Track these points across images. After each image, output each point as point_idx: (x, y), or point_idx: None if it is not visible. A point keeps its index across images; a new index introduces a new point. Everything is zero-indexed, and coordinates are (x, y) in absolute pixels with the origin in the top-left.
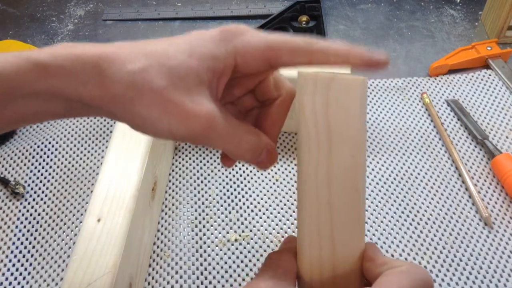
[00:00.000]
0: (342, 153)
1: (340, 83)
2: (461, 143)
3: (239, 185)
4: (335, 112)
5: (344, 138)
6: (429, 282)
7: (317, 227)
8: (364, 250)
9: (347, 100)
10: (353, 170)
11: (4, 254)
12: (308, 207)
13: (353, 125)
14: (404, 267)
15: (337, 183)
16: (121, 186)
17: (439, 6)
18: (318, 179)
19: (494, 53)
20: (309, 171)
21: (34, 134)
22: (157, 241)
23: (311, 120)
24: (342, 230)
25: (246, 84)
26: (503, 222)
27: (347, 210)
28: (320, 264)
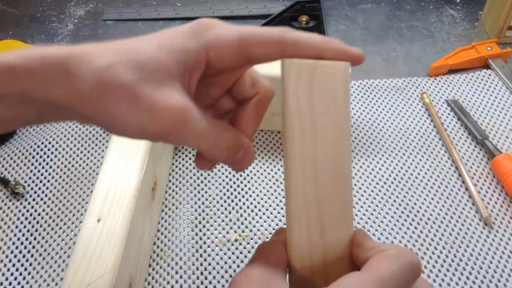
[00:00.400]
0: (327, 140)
1: (323, 69)
2: (461, 143)
3: (239, 185)
4: (319, 99)
5: (329, 125)
6: (416, 264)
7: (305, 216)
8: (353, 236)
9: (331, 86)
10: (339, 157)
11: (4, 254)
12: (295, 196)
13: (337, 112)
14: (391, 250)
15: (323, 171)
16: (121, 186)
17: (439, 6)
18: (304, 167)
19: (494, 53)
20: (295, 159)
21: (34, 134)
22: (157, 241)
23: (295, 108)
24: (330, 218)
25: (222, 83)
26: (503, 222)
27: (334, 197)
28: (310, 252)
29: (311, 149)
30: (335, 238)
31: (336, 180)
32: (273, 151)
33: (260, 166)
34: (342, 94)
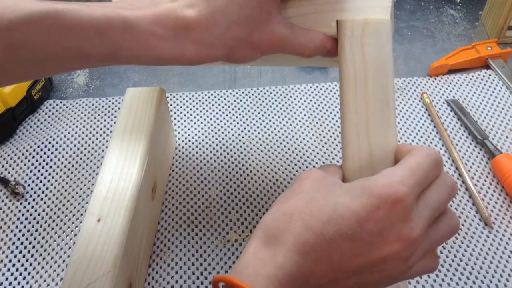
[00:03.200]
0: (375, 74)
1: (370, 25)
2: (461, 143)
3: (239, 185)
4: (368, 49)
5: (376, 63)
6: (434, 154)
7: (356, 134)
8: (395, 150)
9: (377, 38)
10: (384, 87)
11: (4, 254)
12: (349, 117)
13: (382, 53)
14: (417, 149)
15: (371, 97)
16: (121, 186)
17: (439, 6)
18: (357, 93)
19: (494, 53)
20: (349, 88)
21: (34, 134)
22: (157, 241)
23: (350, 57)
24: (377, 136)
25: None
26: (503, 222)
27: (379, 117)
28: (360, 166)
29: (362, 80)
30: (380, 149)
31: (382, 104)
32: (273, 150)
33: (260, 166)
34: (386, 42)
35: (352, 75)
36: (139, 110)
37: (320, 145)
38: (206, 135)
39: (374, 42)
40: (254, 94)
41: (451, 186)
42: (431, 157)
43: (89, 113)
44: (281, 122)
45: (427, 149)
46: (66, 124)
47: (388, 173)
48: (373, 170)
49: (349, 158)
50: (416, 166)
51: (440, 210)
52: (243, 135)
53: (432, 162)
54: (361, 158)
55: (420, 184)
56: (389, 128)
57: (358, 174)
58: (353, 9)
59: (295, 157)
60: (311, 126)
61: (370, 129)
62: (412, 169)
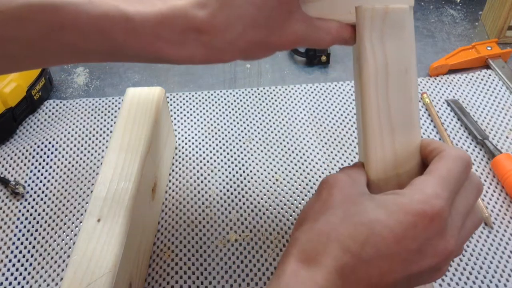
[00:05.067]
0: (397, 68)
1: (391, 12)
2: (461, 143)
3: (239, 185)
4: (388, 36)
5: (398, 57)
6: (465, 157)
7: (379, 132)
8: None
9: (398, 26)
10: (407, 82)
11: (4, 254)
12: (371, 116)
13: (404, 45)
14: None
15: (393, 94)
16: (121, 186)
17: (439, 6)
18: (378, 91)
19: (494, 53)
20: (370, 85)
21: (34, 134)
22: (157, 241)
23: (369, 46)
24: (400, 133)
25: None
26: (503, 222)
27: (403, 115)
28: (383, 164)
29: (383, 77)
30: (405, 149)
31: (404, 99)
32: (273, 150)
33: (260, 166)
34: (407, 29)
35: (373, 72)
36: (139, 110)
37: (320, 145)
38: (206, 135)
39: (396, 34)
40: (254, 94)
41: (478, 186)
42: (462, 160)
43: (89, 113)
44: (281, 122)
45: (456, 151)
46: (66, 124)
47: (421, 186)
48: (398, 170)
49: (373, 159)
50: (448, 174)
51: (469, 212)
52: (243, 135)
53: (463, 166)
54: (385, 159)
55: (454, 193)
56: (414, 127)
57: (382, 175)
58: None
59: (295, 157)
60: (311, 126)
61: (394, 129)
62: (445, 179)
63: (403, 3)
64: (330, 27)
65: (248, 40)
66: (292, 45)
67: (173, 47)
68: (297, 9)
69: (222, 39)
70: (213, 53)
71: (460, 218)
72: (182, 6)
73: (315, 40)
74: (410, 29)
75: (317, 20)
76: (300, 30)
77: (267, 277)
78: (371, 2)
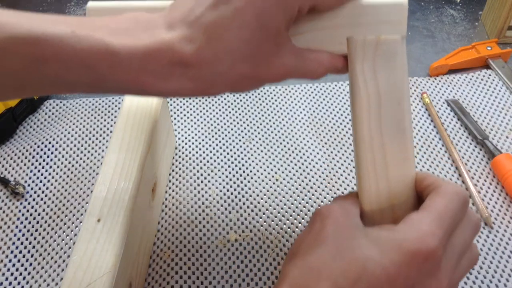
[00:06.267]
0: (389, 100)
1: (383, 43)
2: (461, 143)
3: (239, 185)
4: (381, 68)
5: (391, 89)
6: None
7: (372, 163)
8: (415, 178)
9: (390, 57)
10: (400, 114)
11: (4, 254)
12: (364, 149)
13: (396, 76)
14: (442, 187)
15: (387, 126)
16: (121, 186)
17: (439, 6)
18: (371, 124)
19: (494, 53)
20: (362, 118)
21: (34, 134)
22: (157, 241)
23: (361, 78)
24: (394, 164)
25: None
26: (503, 222)
27: (397, 148)
28: (377, 195)
29: (376, 109)
30: (399, 181)
31: (398, 133)
32: (273, 150)
33: (260, 166)
34: (399, 61)
35: (366, 103)
36: (139, 110)
37: (320, 145)
38: (206, 135)
39: (388, 65)
40: (254, 94)
41: (476, 224)
42: (459, 197)
43: (89, 113)
44: (281, 122)
45: (454, 187)
46: (66, 124)
47: (416, 223)
48: (392, 202)
49: (366, 191)
50: (444, 211)
51: (466, 250)
52: (243, 135)
53: (460, 203)
54: (379, 191)
55: (450, 231)
56: (407, 160)
57: (376, 206)
58: (365, 23)
59: (295, 157)
60: (311, 126)
61: (388, 161)
62: (441, 216)
63: (395, 34)
64: (321, 58)
65: (236, 73)
66: (282, 78)
67: (159, 81)
68: (286, 42)
69: (210, 73)
70: (201, 87)
71: (455, 257)
72: (169, 40)
73: (306, 71)
74: (403, 59)
75: (307, 52)
76: (290, 62)
77: (267, 277)
78: (363, 33)
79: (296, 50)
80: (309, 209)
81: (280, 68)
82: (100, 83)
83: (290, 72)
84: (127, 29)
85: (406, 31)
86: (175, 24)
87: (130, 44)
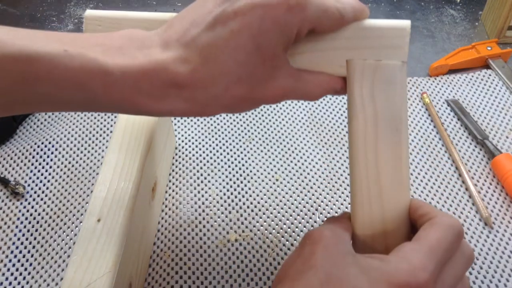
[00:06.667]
0: (387, 125)
1: (383, 68)
2: (461, 143)
3: (239, 185)
4: (379, 91)
5: (388, 114)
6: (457, 228)
7: (366, 188)
8: (409, 205)
9: (390, 81)
10: (397, 140)
11: (4, 254)
12: (359, 173)
13: (395, 102)
14: (437, 218)
15: (383, 152)
16: (121, 186)
17: (439, 6)
18: (367, 149)
19: (494, 53)
20: (359, 143)
21: (34, 134)
22: (157, 241)
23: (359, 101)
24: (388, 191)
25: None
26: (503, 222)
27: (392, 174)
28: (370, 220)
29: (373, 135)
30: (393, 208)
31: (394, 159)
32: (273, 150)
33: (260, 166)
34: (399, 87)
35: (362, 128)
36: None
37: (320, 145)
38: (206, 135)
39: (387, 90)
40: None
41: (469, 258)
42: (454, 230)
43: (89, 113)
44: (281, 122)
45: (448, 220)
46: (66, 124)
47: (407, 255)
48: (385, 228)
49: (359, 215)
50: (437, 244)
51: (457, 283)
52: (243, 135)
53: (454, 236)
54: (372, 216)
55: (441, 264)
56: (402, 187)
57: (369, 231)
58: (366, 47)
59: (295, 157)
60: (311, 126)
61: (382, 187)
62: (434, 249)
63: (396, 59)
64: (319, 80)
65: (231, 95)
66: (279, 99)
67: (153, 101)
68: (283, 64)
69: (204, 94)
70: (195, 108)
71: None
72: (163, 61)
73: (304, 93)
74: (402, 85)
75: (305, 73)
76: (287, 84)
77: (267, 277)
78: (363, 56)
79: (293, 72)
80: (309, 209)
81: (276, 90)
82: (92, 102)
83: (287, 94)
84: (121, 47)
85: (407, 57)
86: (171, 43)
87: (124, 64)
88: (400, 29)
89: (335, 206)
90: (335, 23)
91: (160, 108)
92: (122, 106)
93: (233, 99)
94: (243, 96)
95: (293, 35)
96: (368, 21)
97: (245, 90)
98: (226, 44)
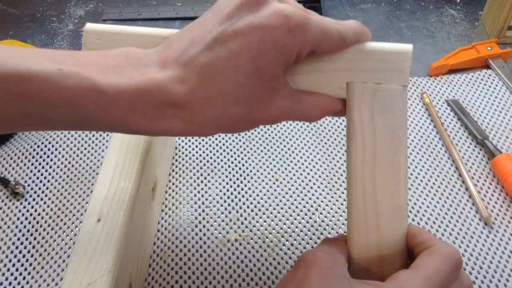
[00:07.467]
0: (386, 149)
1: (383, 92)
2: (461, 143)
3: (239, 185)
4: (379, 115)
5: (387, 139)
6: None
7: (363, 213)
8: (406, 231)
9: (390, 105)
10: (396, 165)
11: (4, 254)
12: (356, 198)
13: (394, 126)
14: (435, 247)
15: (381, 177)
16: (121, 186)
17: (439, 6)
18: (365, 173)
19: (494, 53)
20: (357, 166)
21: (34, 134)
22: (157, 241)
23: (358, 122)
24: (385, 217)
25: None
26: (503, 222)
27: (390, 199)
28: (367, 245)
29: (371, 159)
30: (389, 233)
31: (392, 185)
32: (273, 150)
33: (260, 166)
34: (399, 112)
35: (361, 151)
36: None
37: (320, 145)
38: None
39: (386, 114)
40: None
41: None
42: (452, 260)
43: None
44: (281, 122)
45: (447, 249)
46: None
47: (404, 284)
48: (381, 252)
49: (355, 239)
50: (435, 274)
51: None
52: (243, 135)
53: (453, 266)
54: (368, 240)
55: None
56: (400, 212)
57: (365, 255)
58: (366, 69)
59: (295, 157)
60: (311, 126)
61: (380, 212)
62: (431, 279)
63: (396, 84)
64: (319, 101)
65: (229, 116)
66: (278, 120)
67: (148, 121)
68: (282, 86)
69: (202, 115)
70: (192, 128)
71: None
72: (160, 80)
73: (303, 114)
74: (402, 109)
75: (304, 94)
76: (285, 105)
77: (267, 277)
78: (363, 78)
79: (292, 92)
80: (309, 209)
81: (275, 111)
82: (86, 122)
83: (285, 115)
84: (117, 66)
85: (408, 81)
86: (168, 63)
87: (119, 83)
88: (401, 53)
89: (334, 206)
90: (336, 45)
91: (156, 128)
92: (116, 125)
93: (231, 120)
94: (241, 117)
95: (293, 57)
96: (369, 43)
97: (243, 111)
98: (225, 65)
